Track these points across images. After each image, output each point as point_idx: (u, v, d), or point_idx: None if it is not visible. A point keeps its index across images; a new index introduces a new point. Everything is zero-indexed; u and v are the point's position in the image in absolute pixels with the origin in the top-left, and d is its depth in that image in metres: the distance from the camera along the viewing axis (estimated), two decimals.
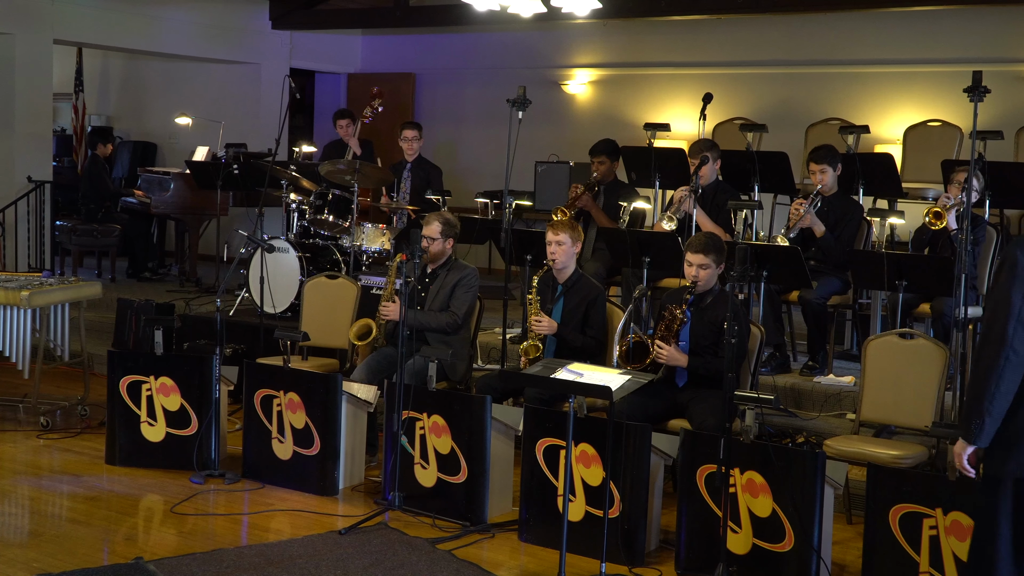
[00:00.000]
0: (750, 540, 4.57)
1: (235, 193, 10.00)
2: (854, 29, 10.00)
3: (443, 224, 6.21)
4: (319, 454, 5.66)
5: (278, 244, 7.84)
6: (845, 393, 6.33)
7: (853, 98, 9.98)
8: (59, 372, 7.78)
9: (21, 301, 6.51)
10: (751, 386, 5.41)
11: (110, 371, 6.08)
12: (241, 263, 8.15)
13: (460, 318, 6.13)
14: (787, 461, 4.50)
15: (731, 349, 4.47)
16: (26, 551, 4.80)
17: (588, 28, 11.15)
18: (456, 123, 12.25)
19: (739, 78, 10.56)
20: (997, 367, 3.31)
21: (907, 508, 4.30)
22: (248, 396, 5.89)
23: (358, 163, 8.00)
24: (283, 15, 11.85)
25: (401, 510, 5.34)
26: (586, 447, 4.88)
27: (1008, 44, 9.38)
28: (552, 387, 4.97)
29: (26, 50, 10.18)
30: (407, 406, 5.35)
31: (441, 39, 12.29)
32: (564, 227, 5.96)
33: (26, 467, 6.06)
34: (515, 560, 4.89)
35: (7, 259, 10.17)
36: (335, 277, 7.03)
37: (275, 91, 8.94)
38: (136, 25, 11.04)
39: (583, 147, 8.22)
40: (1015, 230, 8.44)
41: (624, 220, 7.14)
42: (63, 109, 13.10)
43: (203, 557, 4.73)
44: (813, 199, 6.67)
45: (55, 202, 10.78)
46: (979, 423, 3.35)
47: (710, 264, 5.42)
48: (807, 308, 6.56)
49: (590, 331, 5.89)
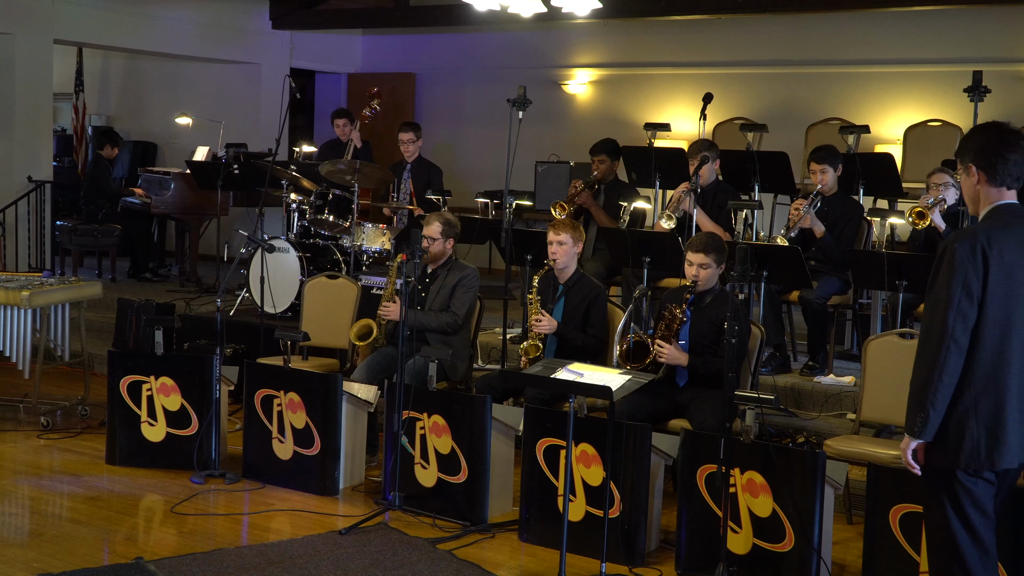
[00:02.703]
0: (750, 540, 4.57)
1: (235, 193, 10.00)
2: (854, 29, 10.00)
3: (443, 224, 6.21)
4: (319, 454, 5.67)
5: (278, 244, 7.84)
6: (845, 393, 6.33)
7: (853, 98, 9.98)
8: (59, 372, 7.78)
9: (21, 301, 6.51)
10: (751, 386, 5.41)
11: (110, 371, 6.08)
12: (241, 263, 8.15)
13: (460, 318, 6.13)
14: (787, 461, 4.50)
15: (731, 349, 4.47)
16: (26, 551, 4.81)
17: (588, 28, 11.15)
18: (456, 123, 12.25)
19: (739, 78, 10.56)
20: (939, 360, 3.36)
21: (907, 508, 4.29)
22: (248, 396, 5.89)
23: (358, 163, 8.00)
24: (283, 15, 11.85)
25: (401, 510, 5.34)
26: (586, 447, 4.88)
27: (1008, 44, 9.38)
28: (552, 387, 4.97)
29: (26, 50, 10.18)
30: (407, 406, 5.35)
31: (441, 39, 12.29)
32: (565, 227, 5.96)
33: (26, 467, 6.06)
34: (515, 560, 4.89)
35: (7, 259, 10.17)
36: (335, 277, 7.03)
37: (275, 91, 8.94)
38: (136, 25, 11.05)
39: (583, 147, 8.22)
40: None
41: (624, 220, 7.15)
42: (63, 109, 13.11)
43: (203, 557, 4.73)
44: (813, 199, 6.67)
45: (55, 202, 10.78)
46: (923, 417, 3.40)
47: (711, 264, 5.42)
48: (807, 308, 6.57)
49: (591, 331, 5.89)
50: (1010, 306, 3.40)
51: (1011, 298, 3.40)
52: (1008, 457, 3.42)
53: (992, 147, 3.49)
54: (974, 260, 3.37)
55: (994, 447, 3.40)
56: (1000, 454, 3.41)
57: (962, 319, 3.36)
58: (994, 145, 3.49)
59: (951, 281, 3.37)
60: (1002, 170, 3.47)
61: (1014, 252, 3.41)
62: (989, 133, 3.54)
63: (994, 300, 3.38)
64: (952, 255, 3.39)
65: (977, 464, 3.40)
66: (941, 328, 3.37)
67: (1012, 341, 3.40)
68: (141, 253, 10.60)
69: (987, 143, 3.51)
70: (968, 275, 3.36)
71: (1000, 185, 3.49)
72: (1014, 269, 3.40)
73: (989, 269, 3.37)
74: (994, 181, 3.49)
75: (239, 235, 8.34)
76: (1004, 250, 3.39)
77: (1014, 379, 3.41)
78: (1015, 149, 3.48)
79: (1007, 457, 3.42)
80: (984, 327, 3.38)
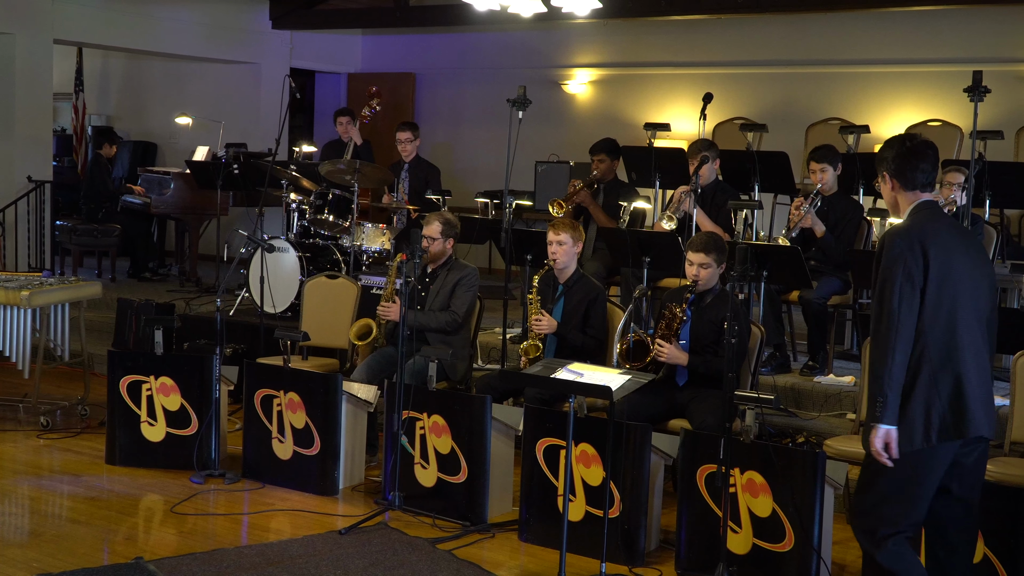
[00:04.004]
0: (750, 540, 4.57)
1: (235, 193, 9.99)
2: (854, 29, 10.01)
3: (443, 224, 6.21)
4: (319, 454, 5.66)
5: (278, 244, 7.84)
6: (845, 393, 6.33)
7: (853, 98, 9.98)
8: (59, 372, 7.78)
9: (21, 301, 6.50)
10: (751, 386, 5.41)
11: (110, 371, 6.08)
12: (241, 263, 8.15)
13: (460, 318, 6.13)
14: (787, 461, 4.50)
15: (731, 349, 4.47)
16: (26, 551, 4.81)
17: (588, 28, 11.15)
18: (456, 123, 12.25)
19: (739, 78, 10.56)
20: (890, 342, 3.56)
21: None
22: (248, 396, 5.89)
23: (358, 163, 8.00)
24: (283, 15, 11.85)
25: (401, 510, 5.33)
26: (586, 447, 4.88)
27: (1008, 44, 9.38)
28: (552, 387, 4.97)
29: (26, 50, 10.18)
30: (407, 406, 5.34)
31: (441, 39, 12.29)
32: (565, 227, 5.96)
33: (26, 467, 6.06)
34: (515, 560, 4.89)
35: (7, 259, 10.17)
36: (335, 277, 7.03)
37: (275, 91, 8.93)
38: (136, 25, 11.05)
39: (583, 147, 8.22)
40: (1015, 230, 8.45)
41: (624, 220, 7.15)
42: (63, 109, 13.10)
43: (203, 557, 4.73)
44: (813, 199, 6.67)
45: (55, 202, 10.78)
46: (882, 400, 3.59)
47: (711, 263, 5.42)
48: (807, 308, 6.56)
49: (590, 331, 5.89)
50: (953, 288, 3.62)
51: (953, 282, 3.61)
52: (976, 425, 3.61)
53: (905, 158, 3.73)
54: (912, 251, 3.58)
55: (960, 419, 3.59)
56: (966, 423, 3.59)
57: (907, 305, 3.56)
58: (907, 156, 3.73)
59: (893, 271, 3.58)
60: (914, 177, 3.73)
61: (947, 242, 3.64)
62: (902, 145, 3.77)
63: (937, 286, 3.58)
64: (891, 248, 3.61)
65: (947, 436, 3.59)
66: (888, 316, 3.57)
67: (960, 322, 3.61)
68: (141, 253, 10.60)
69: (900, 154, 3.75)
70: (909, 264, 3.57)
71: (914, 189, 3.74)
72: (951, 255, 3.62)
73: (928, 257, 3.58)
74: (908, 186, 3.74)
75: (239, 235, 8.33)
76: (939, 241, 3.61)
77: (969, 357, 3.62)
78: (925, 158, 3.73)
79: (974, 425, 3.61)
80: (932, 312, 3.58)
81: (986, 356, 3.72)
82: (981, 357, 3.68)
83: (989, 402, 3.69)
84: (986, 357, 3.72)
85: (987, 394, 3.68)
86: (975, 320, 3.67)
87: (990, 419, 3.68)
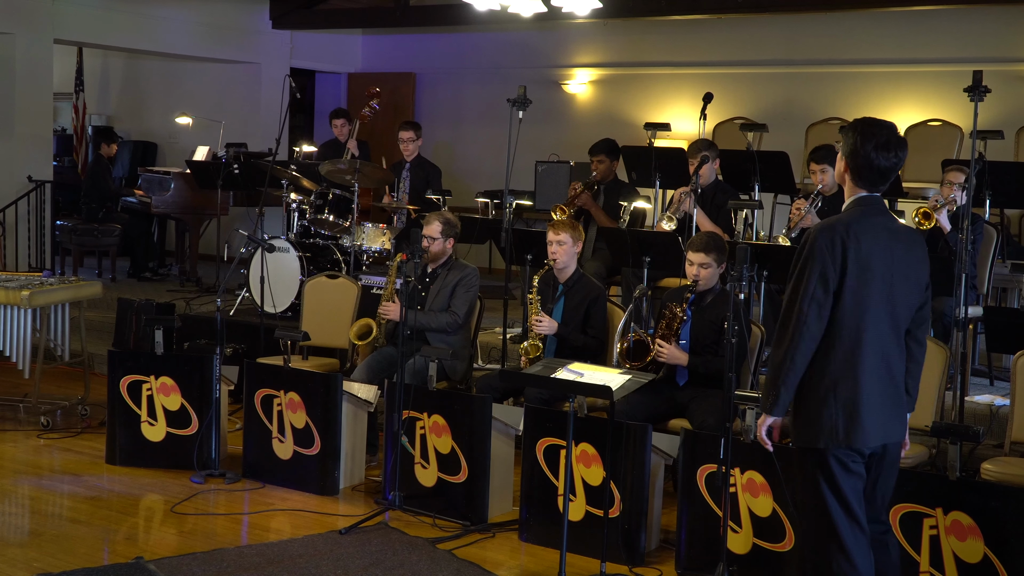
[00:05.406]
0: (750, 540, 4.57)
1: (235, 193, 10.00)
2: (854, 29, 10.00)
3: (444, 224, 6.21)
4: (319, 454, 5.67)
5: (278, 244, 7.84)
6: None
7: (853, 98, 9.97)
8: (59, 372, 7.78)
9: (21, 301, 6.51)
10: (752, 386, 5.41)
11: (110, 371, 6.08)
12: (241, 263, 8.15)
13: (461, 318, 6.13)
14: (787, 461, 4.49)
15: (731, 349, 4.47)
16: (26, 551, 4.81)
17: (588, 28, 11.15)
18: (456, 123, 12.25)
19: (739, 78, 10.56)
20: (792, 344, 3.56)
21: (907, 508, 4.29)
22: (248, 396, 5.89)
23: (358, 163, 8.00)
24: (283, 15, 11.86)
25: (401, 510, 5.34)
26: (586, 447, 4.88)
27: (1008, 44, 9.38)
28: (552, 387, 4.97)
29: (26, 50, 10.18)
30: (407, 406, 5.35)
31: (441, 39, 12.29)
32: (565, 227, 5.96)
33: (26, 467, 6.06)
34: (515, 560, 4.89)
35: (7, 259, 10.17)
36: (335, 277, 7.03)
37: (275, 91, 8.94)
38: (136, 25, 11.05)
39: (583, 147, 8.22)
40: (1015, 230, 8.45)
41: (624, 220, 7.14)
42: (63, 109, 13.11)
43: (203, 557, 4.73)
44: (814, 199, 6.67)
45: (56, 202, 10.78)
46: (774, 395, 3.63)
47: (711, 263, 5.42)
48: None
49: (591, 331, 5.89)
50: (866, 295, 3.56)
51: (866, 287, 3.55)
52: (865, 437, 3.58)
53: (866, 156, 3.59)
54: (833, 250, 3.53)
55: (851, 427, 3.57)
56: (857, 434, 3.57)
57: (816, 307, 3.53)
58: (867, 155, 3.58)
59: (810, 270, 3.55)
60: (868, 175, 3.62)
61: (871, 243, 3.57)
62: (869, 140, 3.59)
63: (851, 290, 3.54)
64: (812, 245, 3.56)
65: (835, 442, 3.57)
66: (797, 315, 3.55)
67: (867, 329, 3.57)
68: (141, 253, 10.61)
69: (859, 146, 3.60)
70: (826, 265, 3.53)
71: (863, 184, 3.64)
72: (871, 260, 3.56)
73: (847, 260, 3.53)
74: (858, 181, 3.63)
75: (239, 235, 8.34)
76: (862, 241, 3.55)
77: (871, 364, 3.58)
78: (887, 160, 3.59)
79: (863, 437, 3.58)
80: (842, 315, 3.55)
81: (898, 366, 3.64)
82: (891, 367, 3.61)
83: (890, 414, 3.62)
84: (898, 367, 3.64)
85: (889, 406, 3.61)
86: (889, 328, 3.60)
87: (888, 430, 3.62)
